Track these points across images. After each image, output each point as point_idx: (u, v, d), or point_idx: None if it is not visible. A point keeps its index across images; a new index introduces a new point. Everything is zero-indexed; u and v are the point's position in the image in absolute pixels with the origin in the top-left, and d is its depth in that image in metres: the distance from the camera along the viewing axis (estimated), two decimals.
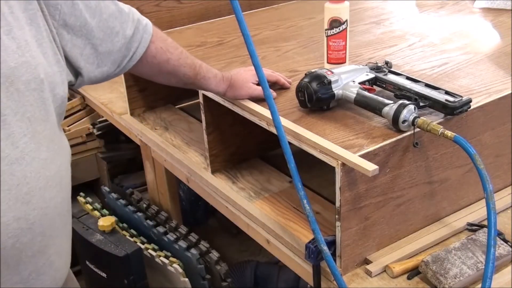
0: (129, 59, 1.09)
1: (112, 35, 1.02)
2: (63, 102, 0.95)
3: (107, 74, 1.07)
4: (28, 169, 0.86)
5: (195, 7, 2.05)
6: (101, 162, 2.18)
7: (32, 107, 0.86)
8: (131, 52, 1.08)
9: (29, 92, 0.86)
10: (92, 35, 0.98)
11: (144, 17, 1.12)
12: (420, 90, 1.19)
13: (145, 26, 1.10)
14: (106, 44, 1.02)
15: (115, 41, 1.04)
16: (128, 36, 1.06)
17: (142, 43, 1.10)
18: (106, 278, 1.73)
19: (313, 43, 1.63)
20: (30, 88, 0.86)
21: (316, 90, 1.18)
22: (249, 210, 1.35)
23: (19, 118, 0.85)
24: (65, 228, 1.00)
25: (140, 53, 1.10)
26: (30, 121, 0.86)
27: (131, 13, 1.08)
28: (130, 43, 1.07)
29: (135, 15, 1.09)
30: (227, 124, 1.46)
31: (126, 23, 1.05)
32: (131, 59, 1.09)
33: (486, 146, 1.27)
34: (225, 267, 1.66)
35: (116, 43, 1.04)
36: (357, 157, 1.04)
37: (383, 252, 1.18)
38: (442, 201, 1.25)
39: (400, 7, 1.94)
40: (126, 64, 1.09)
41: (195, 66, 1.24)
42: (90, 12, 0.97)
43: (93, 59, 1.01)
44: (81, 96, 2.12)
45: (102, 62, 1.03)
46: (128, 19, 1.06)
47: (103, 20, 1.00)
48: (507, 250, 1.15)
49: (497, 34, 1.65)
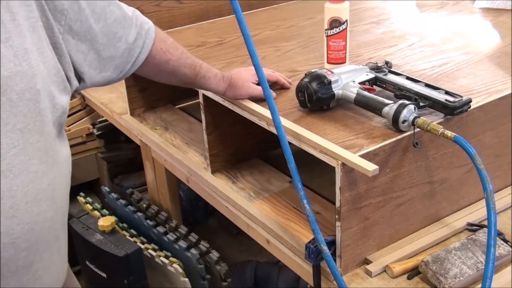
0: (132, 65, 1.08)
1: (115, 40, 1.02)
2: (64, 112, 0.93)
3: (110, 79, 1.06)
4: (15, 182, 0.84)
5: (195, 7, 2.05)
6: (101, 162, 2.18)
7: (25, 118, 0.84)
8: (133, 58, 1.07)
9: (23, 102, 0.83)
10: (95, 40, 0.97)
11: (147, 19, 1.12)
12: (420, 90, 1.19)
13: (147, 31, 1.09)
14: (109, 50, 1.01)
15: (118, 46, 1.03)
16: (131, 42, 1.05)
17: (144, 48, 1.09)
18: (106, 278, 1.73)
19: (313, 43, 1.63)
20: (24, 98, 0.83)
21: (316, 90, 1.18)
22: (249, 210, 1.35)
23: (9, 129, 0.82)
24: (57, 242, 0.96)
25: (142, 59, 1.09)
26: (22, 132, 0.84)
27: (134, 17, 1.07)
28: (133, 49, 1.06)
29: (138, 19, 1.08)
30: (227, 124, 1.46)
31: (129, 28, 1.04)
32: (133, 65, 1.08)
33: (486, 146, 1.27)
34: (225, 267, 1.66)
35: (118, 48, 1.03)
36: (357, 157, 1.04)
37: (383, 252, 1.18)
38: (442, 201, 1.25)
39: (400, 7, 1.94)
40: (128, 70, 1.08)
41: (195, 66, 1.24)
42: (95, 18, 0.96)
43: (96, 64, 1.00)
44: (81, 96, 2.12)
45: (105, 67, 1.02)
46: (131, 24, 1.05)
47: (107, 25, 0.99)
48: (507, 250, 1.15)
49: (497, 34, 1.65)
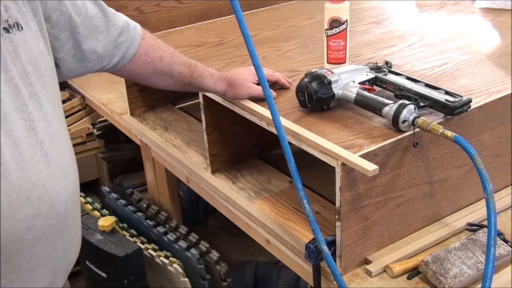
0: (121, 58, 1.12)
1: (96, 33, 1.06)
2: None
3: (93, 70, 1.11)
4: (62, 145, 0.96)
5: (195, 7, 2.05)
6: (101, 162, 2.18)
7: (50, 91, 0.94)
8: (121, 51, 1.12)
9: (48, 77, 0.94)
10: (76, 31, 1.03)
11: (131, 20, 1.16)
12: (420, 90, 1.19)
13: (134, 27, 1.15)
14: (90, 42, 1.06)
15: (100, 39, 1.07)
16: (115, 36, 1.10)
17: (134, 42, 1.14)
18: (106, 278, 1.73)
19: (313, 43, 1.63)
20: (47, 74, 0.94)
21: (316, 90, 1.18)
22: (249, 210, 1.35)
23: (47, 101, 0.92)
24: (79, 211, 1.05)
25: (132, 53, 1.14)
26: (53, 104, 0.94)
27: (118, 15, 1.12)
28: (120, 43, 1.11)
29: (122, 17, 1.14)
30: (227, 124, 1.46)
31: (111, 22, 1.09)
32: (123, 58, 1.13)
33: (486, 146, 1.27)
34: (225, 267, 1.66)
35: (100, 41, 1.07)
36: (357, 157, 1.04)
37: (383, 252, 1.18)
38: (442, 201, 1.25)
39: (400, 7, 1.94)
40: (118, 62, 1.13)
41: (190, 64, 1.24)
42: (76, 10, 1.02)
43: (74, 53, 1.04)
44: (81, 96, 2.12)
45: (86, 58, 1.07)
46: (115, 19, 1.10)
47: (89, 18, 1.04)
48: (507, 250, 1.15)
49: (497, 34, 1.65)
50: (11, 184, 0.84)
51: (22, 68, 0.88)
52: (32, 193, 0.87)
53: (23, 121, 0.87)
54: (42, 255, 0.92)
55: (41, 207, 0.89)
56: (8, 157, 0.84)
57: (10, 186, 0.84)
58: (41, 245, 0.91)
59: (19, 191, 0.86)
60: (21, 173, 0.86)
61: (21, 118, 0.87)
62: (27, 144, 0.87)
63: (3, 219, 0.84)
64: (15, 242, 0.87)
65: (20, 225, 0.87)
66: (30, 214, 0.87)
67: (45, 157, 0.90)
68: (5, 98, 0.85)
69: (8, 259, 0.87)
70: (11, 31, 0.87)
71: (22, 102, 0.87)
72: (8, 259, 0.87)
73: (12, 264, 0.88)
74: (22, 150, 0.86)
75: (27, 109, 0.88)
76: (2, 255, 0.87)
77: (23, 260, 0.89)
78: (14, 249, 0.87)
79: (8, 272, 0.88)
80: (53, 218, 0.91)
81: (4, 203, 0.84)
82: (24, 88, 0.88)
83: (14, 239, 0.87)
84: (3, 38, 0.86)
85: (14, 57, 0.87)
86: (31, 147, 0.88)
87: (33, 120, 0.88)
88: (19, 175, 0.85)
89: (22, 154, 0.86)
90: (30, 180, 0.87)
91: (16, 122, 0.86)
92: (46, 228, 0.91)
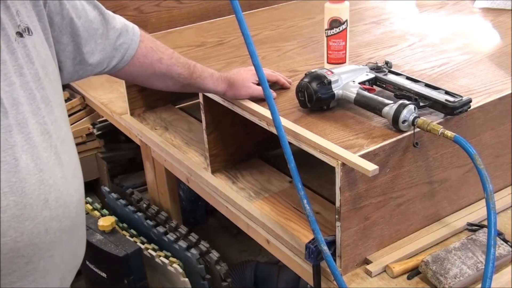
0: (120, 60, 1.13)
1: (96, 36, 1.06)
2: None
3: (93, 73, 1.11)
4: (71, 148, 0.97)
5: (195, 7, 2.05)
6: (101, 162, 2.18)
7: (58, 95, 0.95)
8: (120, 53, 1.12)
9: (55, 81, 0.95)
10: (77, 34, 1.03)
11: (130, 22, 1.16)
12: (420, 90, 1.19)
13: (132, 29, 1.15)
14: (90, 45, 1.06)
15: (99, 42, 1.07)
16: (114, 38, 1.10)
17: (132, 44, 1.14)
18: (106, 278, 1.73)
19: (313, 43, 1.63)
20: (54, 78, 0.95)
21: (316, 90, 1.18)
22: (249, 210, 1.35)
23: (56, 104, 0.93)
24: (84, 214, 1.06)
25: (130, 54, 1.14)
26: (61, 107, 0.96)
27: (116, 17, 1.13)
28: (119, 45, 1.11)
29: (120, 19, 1.14)
30: (227, 124, 1.46)
31: (110, 25, 1.09)
32: (122, 60, 1.13)
33: (486, 146, 1.27)
34: (225, 267, 1.66)
35: (99, 44, 1.08)
36: (357, 157, 1.04)
37: (383, 252, 1.18)
38: (442, 201, 1.25)
39: (400, 7, 1.95)
40: (116, 64, 1.13)
41: (189, 65, 1.24)
42: (76, 13, 1.02)
43: (75, 56, 1.04)
44: (81, 96, 2.12)
45: (86, 61, 1.06)
46: (113, 22, 1.10)
47: (88, 21, 1.04)
48: (507, 250, 1.15)
49: (497, 34, 1.65)
50: (32, 187, 0.86)
51: (35, 72, 0.89)
52: (49, 196, 0.88)
53: (38, 124, 0.88)
54: (56, 257, 0.93)
55: (57, 209, 0.90)
56: (29, 160, 0.85)
57: (31, 188, 0.86)
58: (56, 247, 0.92)
59: (39, 193, 0.87)
60: (40, 176, 0.87)
61: (36, 122, 0.88)
62: (43, 148, 0.88)
63: (26, 221, 0.85)
64: (36, 244, 0.88)
65: (39, 227, 0.87)
66: (48, 216, 0.88)
67: (59, 160, 0.91)
68: (23, 102, 0.86)
69: (29, 261, 0.88)
70: (24, 35, 0.88)
71: (37, 106, 0.88)
72: (29, 261, 0.88)
73: (31, 266, 0.89)
74: (40, 153, 0.87)
75: (41, 113, 0.89)
76: (25, 258, 0.87)
77: (40, 262, 0.90)
78: (35, 251, 0.88)
79: (27, 274, 0.89)
80: (67, 220, 0.92)
81: (26, 206, 0.85)
82: (37, 92, 0.89)
83: (35, 241, 0.87)
84: (17, 43, 0.87)
85: (27, 62, 0.88)
86: (47, 151, 0.89)
87: (46, 124, 0.90)
88: (38, 178, 0.87)
89: (40, 157, 0.87)
90: (48, 183, 0.88)
91: (33, 126, 0.87)
92: (61, 230, 0.92)
